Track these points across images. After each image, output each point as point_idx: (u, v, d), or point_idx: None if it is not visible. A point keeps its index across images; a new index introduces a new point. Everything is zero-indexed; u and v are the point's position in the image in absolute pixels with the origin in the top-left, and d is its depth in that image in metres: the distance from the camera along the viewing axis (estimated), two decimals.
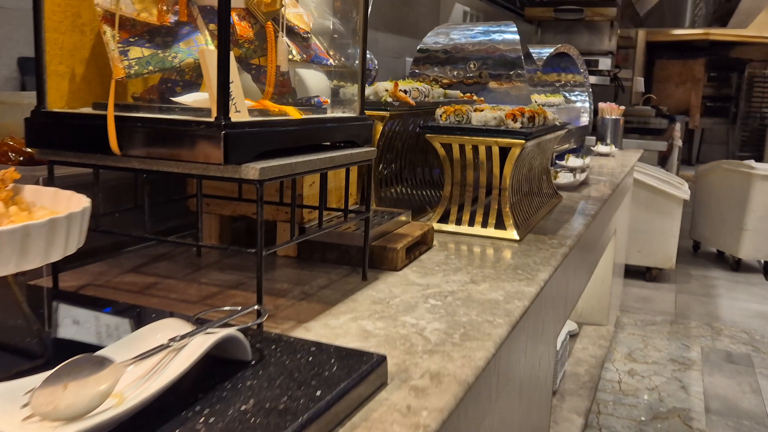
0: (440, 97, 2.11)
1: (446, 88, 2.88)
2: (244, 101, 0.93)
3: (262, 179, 0.87)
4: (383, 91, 1.58)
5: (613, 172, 3.15)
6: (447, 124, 1.63)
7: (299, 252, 1.37)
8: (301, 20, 1.14)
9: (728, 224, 5.62)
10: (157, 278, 1.20)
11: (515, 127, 1.58)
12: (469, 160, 1.62)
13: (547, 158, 2.12)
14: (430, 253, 1.45)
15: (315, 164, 0.99)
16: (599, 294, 3.60)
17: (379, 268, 1.30)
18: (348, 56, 1.27)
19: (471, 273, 1.30)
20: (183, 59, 0.98)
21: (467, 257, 1.43)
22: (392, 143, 1.75)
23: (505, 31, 2.87)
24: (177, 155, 0.89)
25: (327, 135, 1.10)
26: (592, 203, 2.20)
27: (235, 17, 1.03)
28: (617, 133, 4.23)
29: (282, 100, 1.13)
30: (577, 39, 5.95)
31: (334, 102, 1.26)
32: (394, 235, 1.38)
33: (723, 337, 4.22)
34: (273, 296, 1.13)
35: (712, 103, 13.41)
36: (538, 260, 1.42)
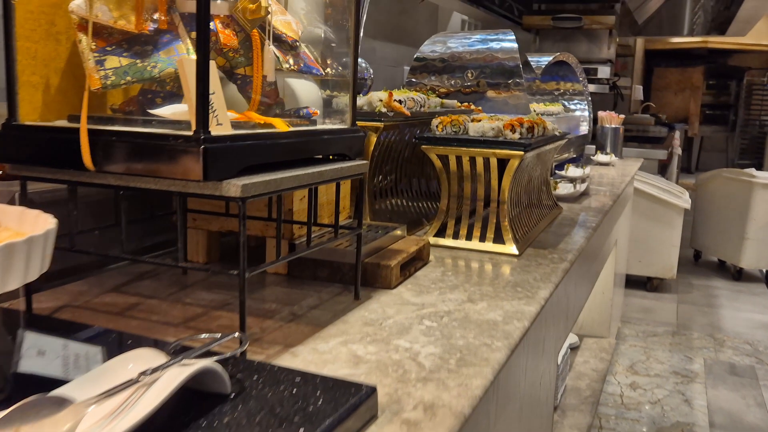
0: (437, 106, 2.06)
1: (443, 97, 2.83)
2: (226, 113, 0.87)
3: (245, 196, 0.82)
4: (377, 101, 1.53)
5: (613, 182, 3.10)
6: (443, 135, 1.58)
7: (289, 269, 1.31)
8: (290, 28, 1.09)
9: (729, 233, 5.57)
10: (139, 298, 1.14)
11: (514, 138, 1.53)
12: (467, 172, 1.57)
13: (546, 169, 2.07)
14: (426, 269, 1.39)
15: (302, 179, 0.94)
16: (600, 305, 3.55)
17: (373, 286, 1.24)
18: (339, 65, 1.22)
19: (468, 291, 1.25)
20: (163, 69, 0.93)
21: (464, 273, 1.38)
22: (387, 154, 1.70)
23: (503, 39, 2.82)
24: (155, 171, 0.83)
25: (316, 148, 1.05)
26: (593, 215, 2.15)
27: (219, 25, 0.98)
28: (617, 142, 4.18)
29: (269, 112, 1.08)
30: (576, 47, 5.91)
31: (326, 113, 1.21)
32: (389, 251, 1.32)
33: (726, 348, 4.16)
34: (260, 317, 1.07)
35: (711, 111, 13.38)
36: (538, 276, 1.37)
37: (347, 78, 1.16)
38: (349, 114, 1.15)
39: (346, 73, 1.17)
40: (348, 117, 1.15)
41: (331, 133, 1.08)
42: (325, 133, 1.07)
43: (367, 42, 7.66)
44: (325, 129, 1.08)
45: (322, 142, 1.06)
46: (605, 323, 3.58)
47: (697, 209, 5.81)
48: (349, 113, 1.15)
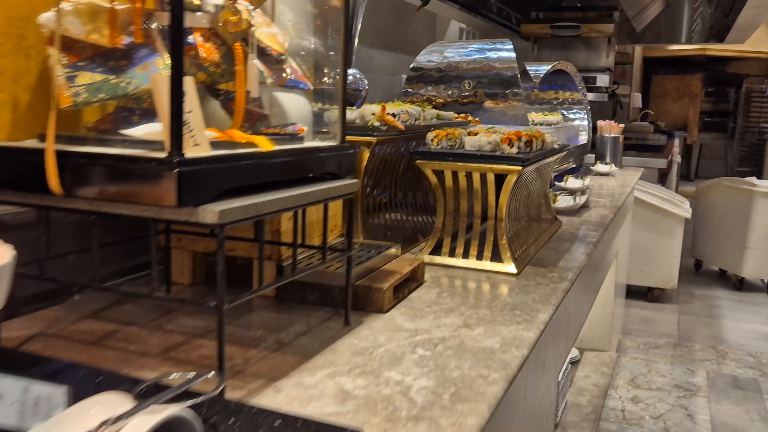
0: (433, 118, 2.01)
1: (440, 107, 2.78)
2: (204, 133, 0.82)
3: (222, 223, 0.76)
4: (370, 114, 1.48)
5: (613, 193, 3.04)
6: (439, 150, 1.53)
7: (277, 292, 1.25)
8: (275, 41, 1.04)
9: (730, 242, 5.51)
10: (117, 325, 1.09)
11: (511, 153, 1.47)
12: (463, 187, 1.52)
13: (545, 182, 2.02)
14: (420, 290, 1.34)
15: (286, 202, 0.89)
16: (600, 318, 3.49)
17: (364, 309, 1.19)
18: (330, 78, 1.16)
19: (464, 314, 1.19)
20: (139, 85, 0.88)
21: (461, 295, 1.32)
22: (382, 168, 1.65)
23: (500, 49, 2.77)
24: (127, 196, 0.78)
25: (302, 167, 0.99)
26: (593, 228, 2.10)
27: (199, 38, 0.93)
28: (617, 151, 4.13)
29: (254, 129, 1.02)
30: (575, 56, 5.87)
31: (316, 128, 1.16)
32: (381, 273, 1.27)
33: (729, 360, 4.10)
34: (244, 346, 1.01)
35: (710, 118, 13.35)
36: (537, 298, 1.31)
37: (336, 92, 1.11)
38: (339, 130, 1.10)
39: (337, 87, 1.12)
40: (337, 133, 1.10)
41: (318, 151, 1.03)
42: (313, 151, 1.01)
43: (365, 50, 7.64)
44: (312, 147, 1.03)
45: (309, 161, 1.00)
46: (606, 336, 3.52)
47: (697, 218, 5.76)
48: (339, 129, 1.10)
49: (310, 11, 1.23)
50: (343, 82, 1.09)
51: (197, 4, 0.92)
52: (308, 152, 1.00)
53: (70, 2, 0.86)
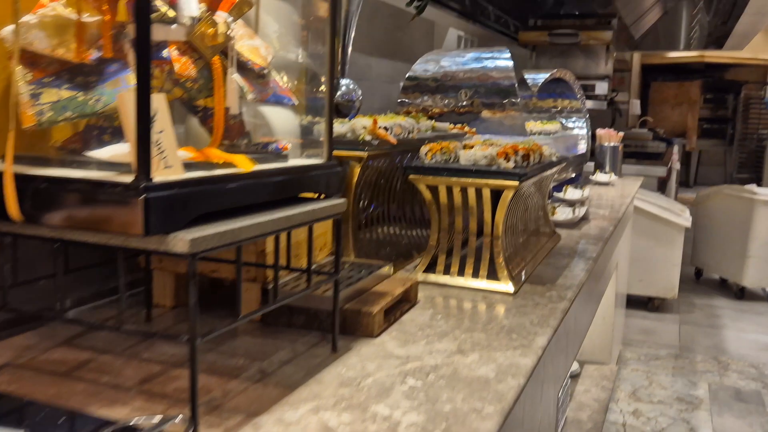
0: (428, 130, 1.96)
1: (437, 118, 2.73)
2: (177, 154, 0.77)
3: (194, 252, 0.71)
4: (361, 128, 1.43)
5: (613, 204, 2.99)
6: (433, 164, 1.47)
7: (263, 315, 1.20)
8: (257, 54, 0.99)
9: (731, 251, 5.45)
10: (92, 353, 1.03)
11: (508, 167, 1.42)
12: (458, 203, 1.46)
13: (544, 195, 1.97)
14: (413, 311, 1.28)
15: (266, 227, 0.83)
16: (601, 330, 3.43)
17: (353, 334, 1.13)
18: (317, 93, 1.11)
19: (458, 339, 1.13)
20: (108, 102, 0.82)
21: (455, 317, 1.26)
22: (375, 183, 1.60)
23: (498, 58, 2.73)
24: (92, 222, 0.72)
25: (285, 188, 0.94)
26: (593, 242, 2.04)
27: (175, 52, 0.87)
28: (616, 160, 4.08)
29: (234, 147, 0.97)
30: (573, 63, 5.83)
31: (305, 144, 1.10)
32: (372, 294, 1.21)
33: (731, 372, 4.03)
34: (224, 377, 0.96)
35: (709, 125, 13.32)
36: (535, 319, 1.25)
37: (323, 107, 1.05)
38: (325, 147, 1.04)
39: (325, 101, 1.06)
40: (324, 150, 1.05)
41: (303, 169, 0.97)
42: (297, 170, 0.96)
43: (363, 58, 7.60)
44: (296, 166, 0.97)
45: (293, 181, 0.95)
46: (606, 348, 3.46)
47: (697, 226, 5.71)
48: (325, 146, 1.04)
49: (297, 22, 1.18)
50: (329, 96, 1.04)
51: (172, 16, 0.86)
52: (292, 171, 0.95)
53: (35, 15, 0.80)
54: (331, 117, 1.04)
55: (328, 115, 1.04)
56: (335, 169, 1.04)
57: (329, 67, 1.03)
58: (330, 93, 1.04)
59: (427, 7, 6.02)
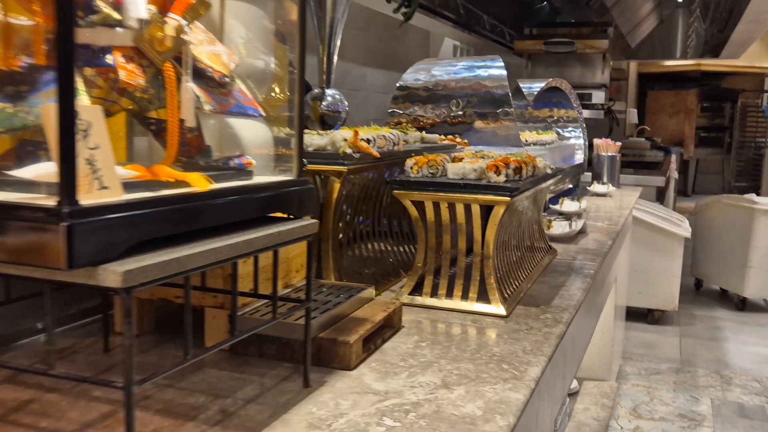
0: (416, 142, 1.87)
1: (428, 129, 2.65)
2: (115, 173, 0.67)
3: (129, 287, 0.61)
4: (341, 141, 1.34)
5: (611, 215, 2.90)
6: (419, 178, 1.38)
7: (233, 344, 1.10)
8: (218, 61, 0.90)
9: (731, 261, 5.36)
10: (36, 392, 0.93)
11: (499, 181, 1.33)
12: (446, 220, 1.37)
13: (539, 208, 1.87)
14: (396, 338, 1.18)
15: (221, 253, 0.74)
16: (600, 346, 3.33)
17: (329, 365, 1.03)
18: (288, 104, 1.02)
19: (444, 370, 1.04)
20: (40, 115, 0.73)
21: (441, 344, 1.17)
22: (360, 197, 1.51)
23: (490, 66, 2.64)
24: (14, 252, 0.63)
25: (248, 208, 0.84)
26: (591, 258, 1.95)
27: (120, 58, 0.78)
28: (614, 170, 3.99)
29: (192, 164, 0.87)
30: (569, 72, 5.76)
31: (272, 161, 1.01)
32: (351, 321, 1.11)
33: (734, 387, 3.93)
34: (179, 419, 0.86)
35: (706, 133, 13.27)
36: (528, 346, 1.16)
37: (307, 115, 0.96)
38: (295, 162, 0.95)
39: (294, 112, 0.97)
40: (294, 166, 0.95)
41: (269, 188, 0.88)
42: (260, 188, 0.87)
43: (358, 69, 7.53)
44: (261, 184, 0.88)
45: (257, 201, 0.86)
46: (606, 364, 3.36)
47: (696, 236, 5.62)
48: (295, 161, 0.95)
49: (267, 27, 1.09)
50: (299, 107, 0.95)
51: (117, 18, 0.77)
52: (255, 190, 0.85)
53: None
54: (301, 129, 0.95)
55: (298, 128, 0.95)
56: (306, 186, 0.95)
57: (299, 75, 0.94)
58: (299, 103, 0.95)
59: (423, 17, 5.96)
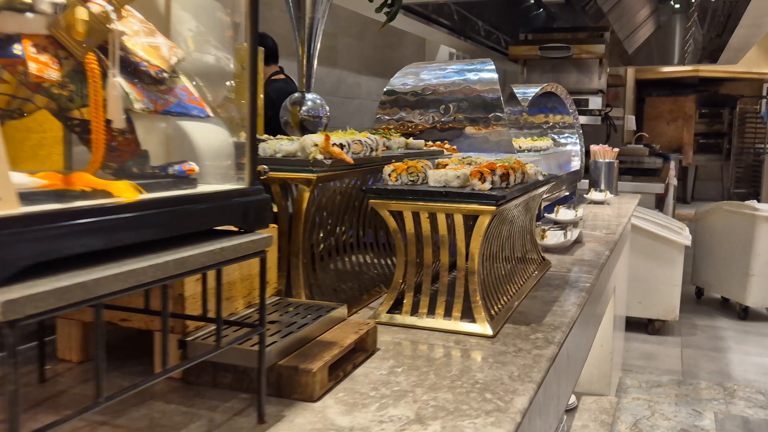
0: (399, 148, 1.76)
1: (417, 135, 2.54)
2: (9, 181, 0.56)
3: (13, 320, 0.50)
4: (311, 146, 1.23)
5: (609, 224, 2.79)
6: (397, 186, 1.27)
7: (184, 373, 0.99)
8: (157, 54, 0.79)
9: (733, 269, 5.25)
10: None
11: (483, 189, 1.22)
12: (426, 231, 1.26)
13: (531, 217, 1.76)
14: (370, 362, 1.07)
15: (141, 276, 0.63)
16: (599, 359, 3.21)
17: (290, 396, 0.92)
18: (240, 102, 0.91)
19: (419, 401, 0.92)
20: None
21: (419, 369, 1.05)
22: (337, 207, 1.40)
23: (481, 70, 2.54)
24: None
25: (185, 222, 0.73)
26: (587, 269, 1.84)
27: (31, 48, 0.67)
28: (612, 177, 3.89)
29: (124, 171, 0.77)
30: (566, 78, 5.67)
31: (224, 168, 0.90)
32: (317, 345, 1.00)
33: (737, 399, 3.81)
34: None
35: (705, 139, 13.20)
36: (515, 372, 1.04)
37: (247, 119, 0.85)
38: (247, 169, 0.84)
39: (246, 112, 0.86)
40: (246, 173, 0.84)
41: (212, 198, 0.77)
42: (202, 199, 0.76)
43: (352, 77, 7.45)
44: (201, 194, 0.77)
45: (198, 213, 0.75)
46: (605, 378, 3.24)
47: (697, 244, 5.51)
48: (247, 168, 0.84)
49: (222, 19, 0.98)
50: (251, 106, 0.84)
51: (27, 1, 0.67)
52: (194, 201, 0.74)
53: None
54: (253, 132, 0.84)
55: (249, 130, 0.84)
56: (260, 197, 0.84)
57: (250, 70, 0.84)
58: (251, 102, 0.84)
59: (418, 24, 5.87)
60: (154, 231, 0.69)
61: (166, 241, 0.72)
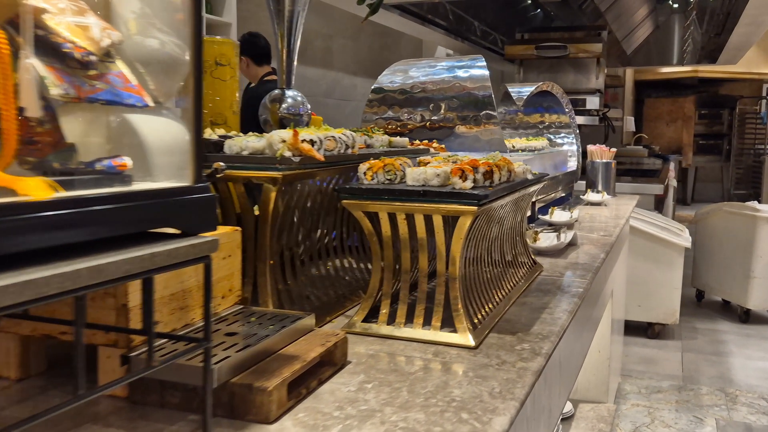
0: (383, 145, 1.67)
1: (406, 134, 2.45)
2: None
3: None
4: (279, 142, 1.14)
5: (606, 225, 2.70)
6: (372, 185, 1.18)
7: (130, 391, 0.89)
8: (85, 35, 0.70)
9: (734, 272, 5.16)
10: None
11: (465, 188, 1.13)
12: (404, 234, 1.17)
13: (521, 218, 1.67)
14: (338, 378, 0.98)
15: (43, 286, 0.53)
16: (596, 365, 3.11)
17: (243, 418, 0.83)
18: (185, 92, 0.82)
19: (387, 422, 0.83)
20: None
21: (392, 386, 0.96)
22: (313, 207, 1.31)
23: (472, 66, 2.45)
24: None
25: (111, 224, 0.64)
26: (581, 273, 1.74)
27: None
28: (609, 177, 3.80)
29: (43, 166, 0.67)
30: (563, 77, 5.58)
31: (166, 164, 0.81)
32: (277, 360, 0.91)
33: (739, 405, 3.71)
34: None
35: (705, 140, 13.11)
36: (496, 388, 0.95)
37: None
38: (191, 165, 0.75)
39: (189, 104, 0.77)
40: (189, 170, 0.75)
41: (143, 196, 0.68)
42: (131, 197, 0.67)
43: (348, 78, 7.35)
44: (131, 192, 0.68)
45: (123, 215, 0.66)
46: (603, 384, 3.14)
47: (697, 246, 5.41)
48: (190, 164, 0.75)
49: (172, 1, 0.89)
50: (195, 96, 0.75)
51: None
52: (122, 199, 0.65)
53: None
54: (198, 124, 0.75)
55: (194, 122, 0.75)
56: (204, 195, 0.75)
57: (192, 54, 0.75)
58: (196, 91, 0.75)
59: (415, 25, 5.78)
60: (70, 234, 0.60)
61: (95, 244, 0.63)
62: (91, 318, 0.87)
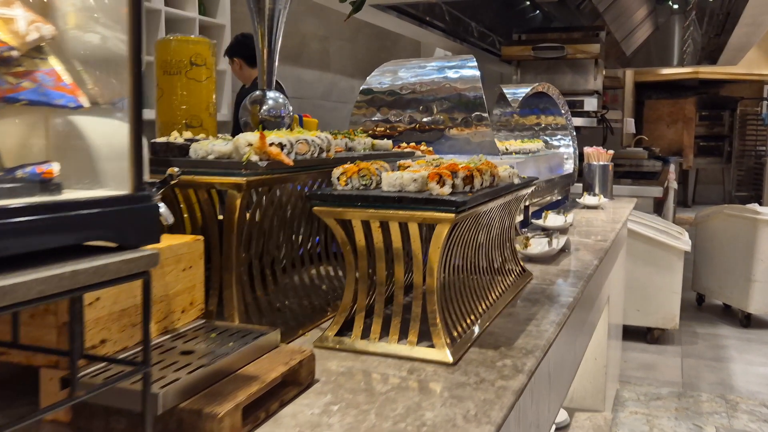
0: (365, 149, 1.61)
1: (395, 137, 2.39)
2: None
3: None
4: (245, 146, 1.07)
5: (602, 230, 2.63)
6: (345, 191, 1.11)
7: (73, 417, 0.83)
8: (8, 29, 0.63)
9: (735, 275, 5.08)
10: None
11: (442, 194, 1.06)
12: (378, 243, 1.10)
13: (510, 224, 1.60)
14: (303, 399, 0.91)
15: None
16: (593, 372, 3.04)
17: None
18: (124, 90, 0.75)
19: None
20: None
21: (359, 408, 0.89)
22: (284, 214, 1.24)
23: (462, 67, 2.38)
24: None
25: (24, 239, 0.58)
26: (572, 281, 1.68)
27: None
28: (606, 180, 3.72)
29: None
30: (560, 79, 5.51)
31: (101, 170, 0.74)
32: (234, 381, 0.84)
33: (740, 413, 3.64)
34: None
35: (705, 142, 13.03)
36: (472, 410, 0.88)
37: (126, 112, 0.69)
38: (129, 172, 0.69)
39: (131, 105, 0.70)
40: (128, 177, 0.69)
41: (71, 207, 0.61)
42: (54, 208, 0.60)
43: (345, 81, 7.28)
44: (53, 202, 0.61)
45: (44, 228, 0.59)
46: (599, 393, 3.07)
47: (697, 249, 5.34)
48: (129, 170, 0.68)
49: None
50: (134, 95, 0.68)
51: None
52: (38, 211, 0.58)
53: None
54: (137, 126, 0.68)
55: (132, 124, 0.68)
56: (146, 204, 0.68)
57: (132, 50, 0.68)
58: (134, 91, 0.68)
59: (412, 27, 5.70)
60: None
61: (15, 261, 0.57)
62: (31, 337, 0.80)
